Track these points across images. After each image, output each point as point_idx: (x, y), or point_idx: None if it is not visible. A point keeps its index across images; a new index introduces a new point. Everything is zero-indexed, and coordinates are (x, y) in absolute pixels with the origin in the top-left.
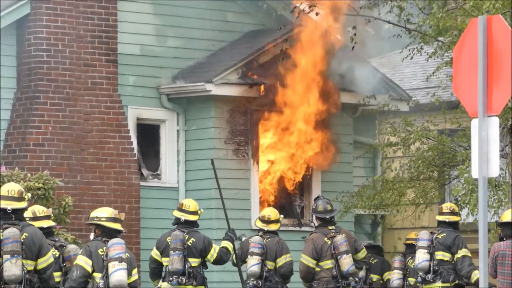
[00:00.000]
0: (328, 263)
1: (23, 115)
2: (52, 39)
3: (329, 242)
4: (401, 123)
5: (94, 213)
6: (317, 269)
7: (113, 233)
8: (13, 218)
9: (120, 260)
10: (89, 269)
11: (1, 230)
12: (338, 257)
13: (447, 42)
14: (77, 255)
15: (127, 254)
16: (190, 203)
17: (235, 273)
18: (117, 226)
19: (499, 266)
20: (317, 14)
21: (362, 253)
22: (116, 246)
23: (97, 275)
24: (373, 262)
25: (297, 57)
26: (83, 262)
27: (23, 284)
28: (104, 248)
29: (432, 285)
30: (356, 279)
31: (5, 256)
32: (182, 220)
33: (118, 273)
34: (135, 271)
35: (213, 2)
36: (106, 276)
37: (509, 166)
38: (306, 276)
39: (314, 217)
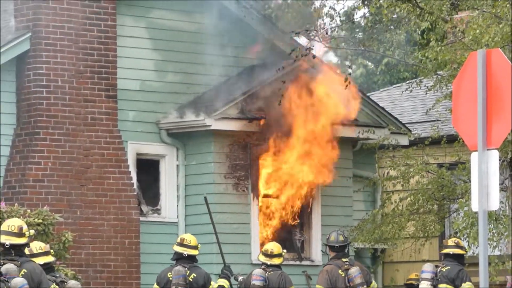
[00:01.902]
0: None
1: (22, 151)
2: (51, 75)
3: (343, 275)
4: (400, 157)
5: None
6: None
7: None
8: (13, 254)
9: None
10: None
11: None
12: None
13: (446, 75)
14: None
15: None
16: (190, 238)
17: None
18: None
19: None
20: (314, 57)
21: (373, 286)
22: None
23: None
24: None
25: (297, 93)
26: None
27: None
28: None
29: None
30: None
31: None
32: (185, 255)
33: None
34: None
35: (213, 36)
36: None
37: (509, 199)
38: None
39: (327, 248)
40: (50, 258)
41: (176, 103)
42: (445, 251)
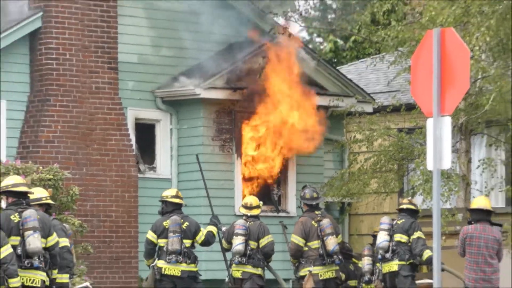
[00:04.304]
0: (315, 243)
1: (35, 115)
2: (60, 49)
3: (316, 225)
4: (365, 122)
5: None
6: (305, 248)
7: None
8: (24, 204)
9: (34, 229)
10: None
11: (16, 213)
12: (324, 238)
13: (405, 51)
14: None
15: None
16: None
17: (219, 253)
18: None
19: (467, 246)
20: (290, 35)
21: (339, 238)
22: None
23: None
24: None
25: (275, 67)
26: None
27: (41, 258)
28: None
29: (390, 263)
30: (340, 257)
31: (29, 232)
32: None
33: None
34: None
35: (201, 16)
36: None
37: (459, 159)
38: (295, 254)
39: (302, 203)
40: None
41: (170, 74)
42: (401, 207)
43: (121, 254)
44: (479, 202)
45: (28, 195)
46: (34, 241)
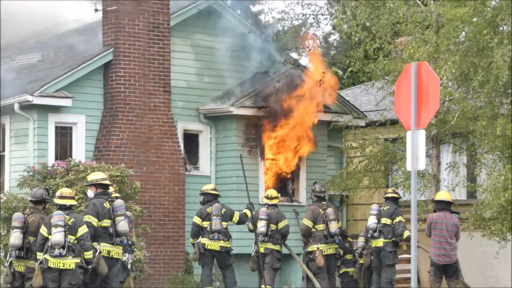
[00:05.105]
0: (320, 226)
1: (107, 127)
2: (127, 76)
3: (322, 212)
4: (359, 134)
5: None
6: (313, 230)
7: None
8: (109, 194)
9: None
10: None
11: (107, 202)
12: (328, 222)
13: (390, 79)
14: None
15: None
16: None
17: (248, 233)
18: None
19: (432, 229)
20: (298, 66)
21: (339, 223)
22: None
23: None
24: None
25: (290, 90)
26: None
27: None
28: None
29: (377, 240)
30: (339, 237)
31: (120, 218)
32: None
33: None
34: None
35: (234, 52)
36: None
37: (431, 162)
38: (305, 234)
39: (312, 195)
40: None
41: (210, 96)
42: (386, 195)
43: (171, 234)
44: (441, 195)
45: (109, 187)
46: (124, 225)
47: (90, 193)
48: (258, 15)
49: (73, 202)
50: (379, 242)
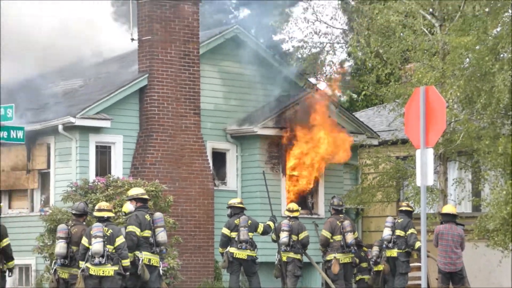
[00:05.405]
0: (338, 237)
1: (143, 146)
2: (160, 99)
3: (339, 224)
4: (373, 152)
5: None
6: (331, 240)
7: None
8: (148, 208)
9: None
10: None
11: (147, 215)
12: (345, 234)
13: (401, 102)
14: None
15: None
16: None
17: (271, 243)
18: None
19: (439, 240)
20: (317, 90)
21: (355, 234)
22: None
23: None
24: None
25: (309, 112)
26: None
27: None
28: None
29: (391, 250)
30: (355, 248)
31: (160, 229)
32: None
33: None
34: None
35: (258, 77)
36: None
37: (439, 178)
38: (324, 244)
39: (331, 208)
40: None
41: (236, 118)
42: (400, 208)
43: (202, 244)
44: (447, 208)
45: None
46: (163, 235)
47: (131, 206)
48: (279, 43)
49: (111, 214)
50: (393, 252)
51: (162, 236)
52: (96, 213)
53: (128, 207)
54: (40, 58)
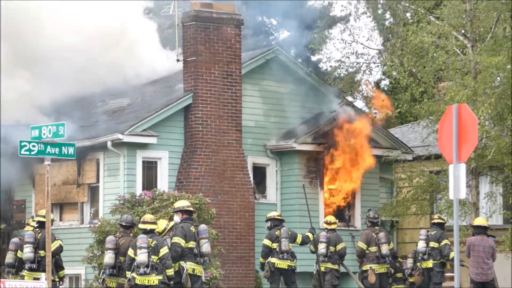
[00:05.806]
0: (373, 248)
1: (187, 161)
2: (204, 117)
3: (375, 236)
4: (407, 166)
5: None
6: (367, 251)
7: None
8: (193, 219)
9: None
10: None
11: (192, 226)
12: (380, 245)
13: (434, 119)
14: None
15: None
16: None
17: (310, 254)
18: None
19: (471, 251)
20: (353, 106)
21: (391, 245)
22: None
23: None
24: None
25: (346, 129)
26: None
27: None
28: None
29: (427, 262)
30: (390, 259)
31: (204, 240)
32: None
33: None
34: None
35: (297, 95)
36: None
37: (471, 192)
38: (360, 255)
39: (367, 220)
40: (155, 226)
41: (276, 134)
42: (433, 221)
43: (243, 254)
44: (478, 221)
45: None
46: (207, 246)
47: (177, 218)
48: (317, 63)
49: (154, 226)
50: (429, 264)
51: (206, 247)
52: (140, 225)
53: (174, 218)
54: (88, 79)
